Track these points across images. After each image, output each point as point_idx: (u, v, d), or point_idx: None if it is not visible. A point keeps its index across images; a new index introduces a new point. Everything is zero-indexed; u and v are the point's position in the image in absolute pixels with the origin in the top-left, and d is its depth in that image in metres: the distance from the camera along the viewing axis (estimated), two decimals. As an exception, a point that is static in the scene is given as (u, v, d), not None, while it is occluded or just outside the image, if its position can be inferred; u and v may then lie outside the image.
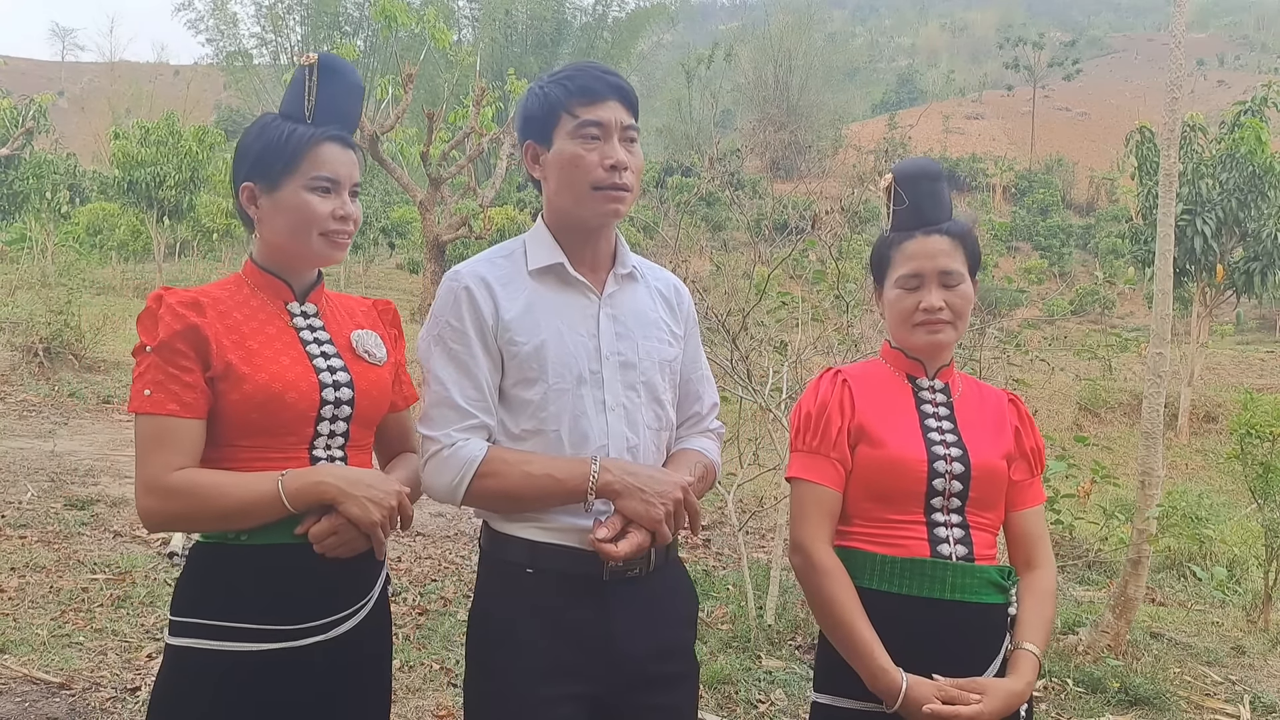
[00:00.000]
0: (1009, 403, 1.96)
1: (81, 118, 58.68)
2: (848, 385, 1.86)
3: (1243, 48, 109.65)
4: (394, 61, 31.50)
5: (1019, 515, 1.89)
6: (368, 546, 1.67)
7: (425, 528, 7.05)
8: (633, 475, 1.66)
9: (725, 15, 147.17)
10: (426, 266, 9.01)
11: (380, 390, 1.80)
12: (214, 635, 1.62)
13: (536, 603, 1.69)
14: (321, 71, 1.74)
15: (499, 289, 1.72)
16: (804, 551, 1.79)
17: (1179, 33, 4.86)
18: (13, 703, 3.46)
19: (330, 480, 1.62)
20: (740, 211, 23.25)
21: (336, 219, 1.71)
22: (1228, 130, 15.55)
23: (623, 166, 1.70)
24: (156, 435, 1.60)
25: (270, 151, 1.70)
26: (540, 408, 1.70)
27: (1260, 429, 6.16)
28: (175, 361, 1.62)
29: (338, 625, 1.68)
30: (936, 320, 1.82)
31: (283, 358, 1.68)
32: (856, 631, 1.72)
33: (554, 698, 1.66)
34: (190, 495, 1.59)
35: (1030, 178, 54.35)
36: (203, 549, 1.69)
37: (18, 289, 15.87)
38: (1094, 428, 17.96)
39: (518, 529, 1.71)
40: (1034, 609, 1.81)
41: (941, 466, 1.79)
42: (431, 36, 9.40)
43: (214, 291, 1.72)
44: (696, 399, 1.92)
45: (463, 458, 1.66)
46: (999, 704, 1.68)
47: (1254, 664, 5.19)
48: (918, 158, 2.02)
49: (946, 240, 1.84)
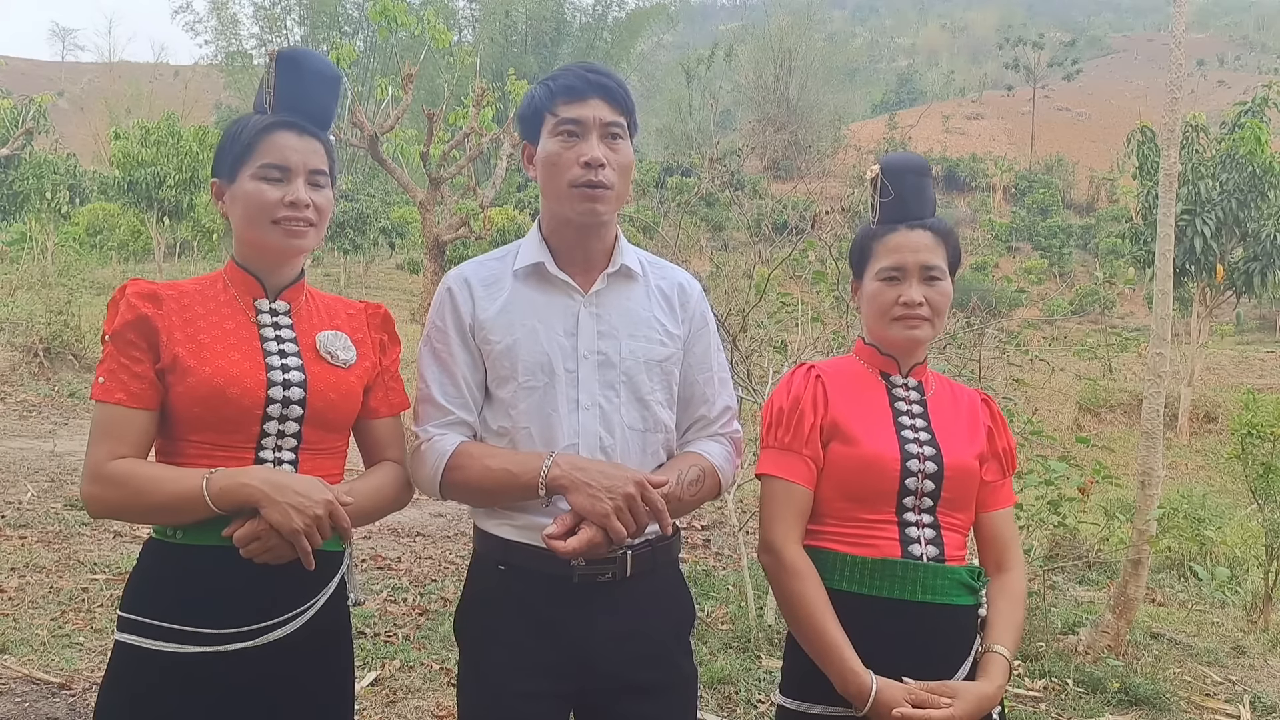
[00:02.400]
0: (982, 403, 1.94)
1: (81, 118, 58.70)
2: (821, 381, 1.82)
3: (1243, 48, 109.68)
4: (394, 62, 31.50)
5: (990, 516, 1.86)
6: (295, 555, 1.60)
7: (425, 528, 7.05)
8: (581, 470, 1.64)
9: (725, 15, 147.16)
10: (426, 266, 9.01)
11: (341, 394, 1.74)
12: (151, 634, 1.60)
13: (510, 599, 1.71)
14: (280, 63, 1.74)
15: (480, 289, 1.76)
16: (774, 551, 1.75)
17: (1179, 33, 4.86)
18: (13, 703, 3.46)
19: (254, 483, 1.57)
20: (740, 212, 23.25)
21: (286, 205, 1.67)
22: (1228, 130, 15.55)
23: (598, 163, 1.69)
24: (105, 423, 1.61)
25: (227, 145, 1.72)
26: (511, 405, 1.73)
27: (1261, 429, 6.17)
28: (127, 351, 1.62)
29: (267, 632, 1.62)
30: (915, 315, 1.79)
31: (233, 353, 1.66)
32: (827, 633, 1.68)
33: (531, 693, 1.68)
34: (127, 485, 1.58)
35: (1030, 178, 54.36)
36: (151, 545, 1.68)
37: (18, 289, 15.86)
38: (1094, 428, 17.97)
39: (494, 527, 1.75)
40: (1005, 611, 1.79)
41: (915, 465, 1.76)
42: (431, 37, 9.39)
43: (185, 286, 1.72)
44: (704, 401, 1.87)
45: (437, 451, 1.72)
46: (970, 707, 1.66)
47: (1254, 664, 5.19)
48: (905, 152, 2.01)
49: (930, 236, 1.82)
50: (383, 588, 5.29)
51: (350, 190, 30.23)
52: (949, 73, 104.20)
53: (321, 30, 46.64)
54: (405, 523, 7.13)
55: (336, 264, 31.82)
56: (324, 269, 32.89)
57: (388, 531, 6.80)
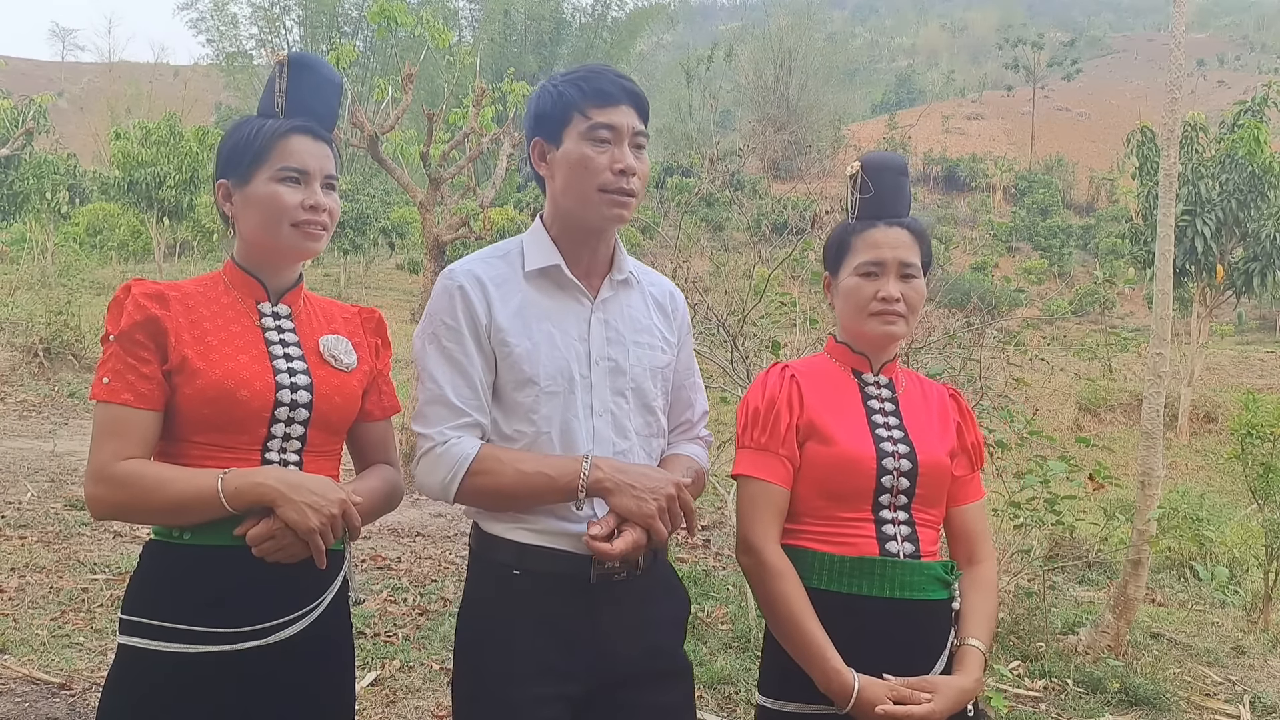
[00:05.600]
0: (950, 398, 1.96)
1: (81, 118, 58.72)
2: (796, 381, 1.83)
3: (1243, 48, 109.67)
4: (393, 62, 31.53)
5: (960, 510, 1.89)
6: (308, 554, 1.62)
7: (425, 528, 7.05)
8: (623, 473, 1.66)
9: (725, 15, 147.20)
10: (426, 266, 9.00)
11: (345, 397, 1.76)
12: (158, 635, 1.59)
13: (523, 604, 1.70)
14: (292, 68, 1.75)
15: (493, 289, 1.73)
16: (754, 551, 1.76)
17: (1179, 33, 4.86)
18: (13, 703, 3.46)
19: (270, 482, 1.59)
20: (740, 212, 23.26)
21: (306, 209, 1.70)
22: (1227, 131, 15.56)
23: (631, 172, 1.70)
24: (110, 424, 1.60)
25: (240, 146, 1.71)
26: (532, 410, 1.71)
27: (1261, 429, 6.17)
28: (134, 352, 1.61)
29: (277, 631, 1.63)
30: (892, 311, 1.81)
31: (241, 355, 1.67)
32: (808, 632, 1.70)
33: (541, 698, 1.67)
34: (134, 486, 1.58)
35: (1030, 178, 54.36)
36: (152, 546, 1.68)
37: (18, 289, 15.87)
38: (1094, 428, 17.97)
39: (506, 530, 1.72)
40: (978, 604, 1.82)
41: (890, 464, 1.78)
42: (431, 37, 9.39)
43: (187, 287, 1.71)
44: (688, 406, 1.92)
45: (455, 455, 1.66)
46: (949, 702, 1.68)
47: (1254, 664, 5.19)
48: (885, 151, 2.03)
49: (907, 234, 1.85)
50: (383, 588, 5.29)
51: (350, 190, 30.21)
52: (949, 73, 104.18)
53: (321, 30, 46.65)
54: (405, 523, 7.13)
55: (337, 264, 31.82)
56: (324, 269, 32.89)
57: (388, 531, 6.81)
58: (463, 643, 1.77)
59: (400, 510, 7.73)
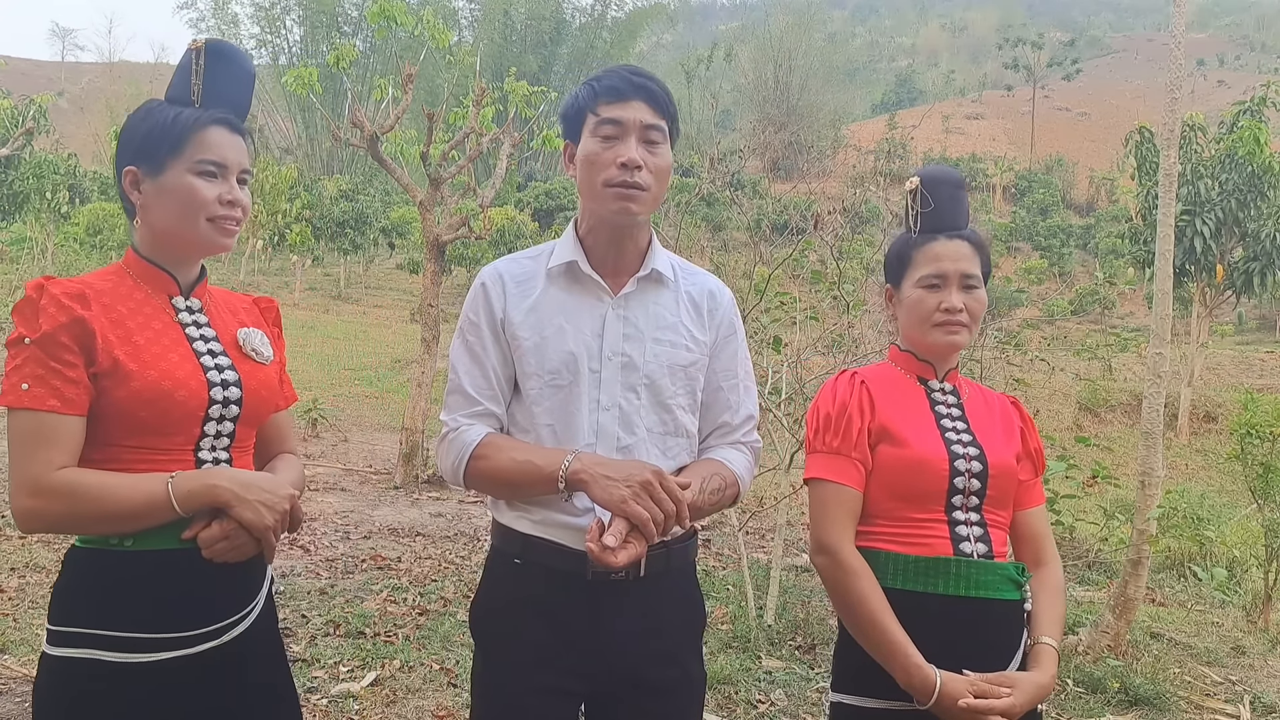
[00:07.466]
0: (1012, 405, 2.02)
1: (81, 118, 58.73)
2: (866, 386, 1.89)
3: (1243, 48, 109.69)
4: (393, 62, 31.52)
5: (1025, 514, 1.94)
6: (257, 551, 1.62)
7: (425, 528, 7.06)
8: (602, 465, 1.67)
9: (725, 15, 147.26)
10: (426, 266, 9.00)
11: (268, 390, 1.75)
12: (100, 645, 1.54)
13: (525, 594, 1.75)
14: (209, 56, 1.68)
15: (512, 285, 1.80)
16: (830, 552, 1.80)
17: (1179, 33, 4.86)
18: (13, 703, 3.46)
19: (223, 484, 1.57)
20: (740, 212, 23.25)
21: (224, 204, 1.64)
22: (1227, 130, 15.56)
23: (634, 165, 1.71)
24: (36, 432, 1.51)
25: (155, 135, 1.63)
26: (535, 402, 1.76)
27: (1260, 429, 6.17)
28: (58, 356, 1.52)
29: (230, 629, 1.63)
30: (956, 321, 1.87)
31: (171, 355, 1.62)
32: (888, 630, 1.74)
33: (545, 687, 1.71)
34: (74, 496, 1.50)
35: (1030, 178, 54.35)
36: (80, 554, 1.60)
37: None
38: (1094, 428, 17.97)
39: (513, 521, 1.77)
40: (1048, 604, 1.87)
41: (962, 465, 1.83)
42: (431, 37, 9.38)
43: (96, 283, 1.63)
44: (727, 408, 1.89)
45: (464, 441, 1.76)
46: (1027, 697, 1.73)
47: (1254, 664, 5.19)
48: (941, 165, 2.07)
49: (968, 246, 1.90)
50: (383, 588, 5.29)
51: (350, 190, 30.22)
52: (949, 73, 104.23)
53: (321, 30, 46.68)
54: (405, 523, 7.13)
55: (336, 264, 31.82)
56: (324, 269, 32.89)
57: (388, 531, 6.81)
58: (475, 630, 1.85)
59: (400, 510, 7.73)
